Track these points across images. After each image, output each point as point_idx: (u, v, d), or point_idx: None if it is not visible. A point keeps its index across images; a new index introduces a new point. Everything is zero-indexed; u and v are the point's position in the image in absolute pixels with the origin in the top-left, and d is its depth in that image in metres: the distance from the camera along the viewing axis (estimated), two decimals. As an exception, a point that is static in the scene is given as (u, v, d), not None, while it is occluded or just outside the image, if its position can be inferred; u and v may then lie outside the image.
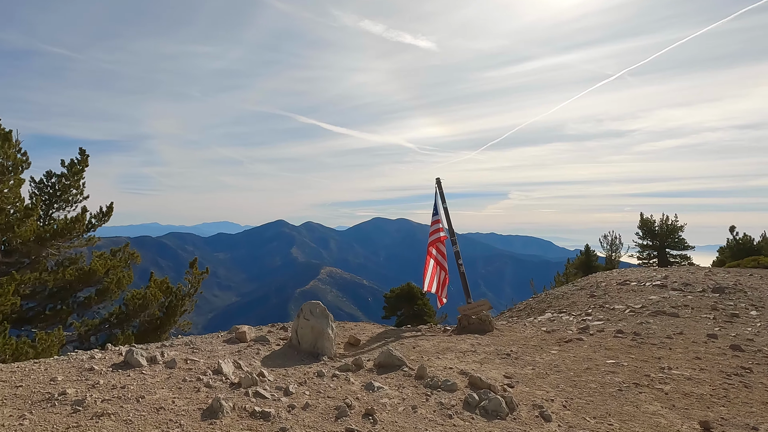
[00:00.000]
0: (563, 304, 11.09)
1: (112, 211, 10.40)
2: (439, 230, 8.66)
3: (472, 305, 7.98)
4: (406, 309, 26.41)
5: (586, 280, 15.34)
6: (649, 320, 8.26)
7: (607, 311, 9.28)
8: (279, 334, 6.61)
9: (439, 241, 8.61)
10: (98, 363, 4.44)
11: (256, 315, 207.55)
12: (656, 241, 27.04)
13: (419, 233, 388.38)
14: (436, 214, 8.78)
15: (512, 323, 8.78)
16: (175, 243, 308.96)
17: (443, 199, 8.73)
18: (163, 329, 10.49)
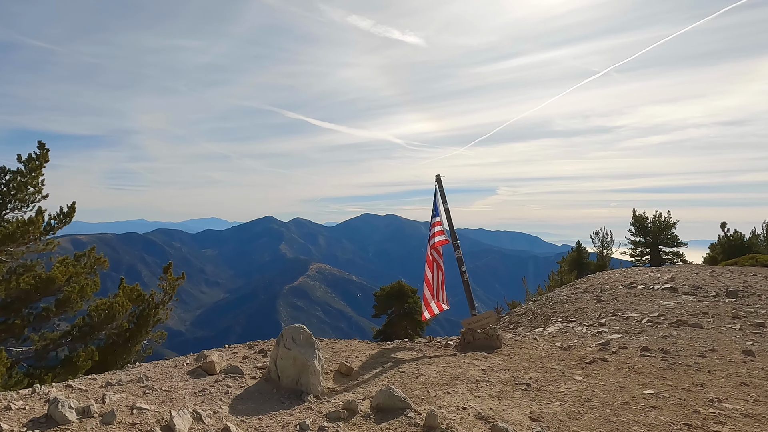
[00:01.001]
0: (569, 310, 10.28)
1: (74, 212, 9.32)
2: (440, 233, 7.74)
3: (477, 318, 7.09)
4: (396, 307, 25.60)
5: (588, 282, 14.60)
6: (672, 333, 7.46)
7: (621, 321, 8.48)
8: (256, 360, 5.63)
9: (438, 245, 7.68)
10: (11, 419, 3.42)
11: (245, 312, 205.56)
12: (649, 238, 26.56)
13: (408, 229, 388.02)
14: (436, 214, 7.88)
15: (520, 336, 7.92)
16: (162, 239, 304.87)
17: (444, 199, 7.83)
18: (133, 341, 9.46)
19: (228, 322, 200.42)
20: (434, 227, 7.83)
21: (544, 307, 11.47)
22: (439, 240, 7.74)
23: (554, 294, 13.16)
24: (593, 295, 11.42)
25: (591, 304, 10.45)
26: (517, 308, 13.37)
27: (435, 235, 7.79)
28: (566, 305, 10.92)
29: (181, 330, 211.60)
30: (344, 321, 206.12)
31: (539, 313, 11.00)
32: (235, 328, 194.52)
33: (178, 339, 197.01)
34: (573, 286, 14.57)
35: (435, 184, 7.88)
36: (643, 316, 8.73)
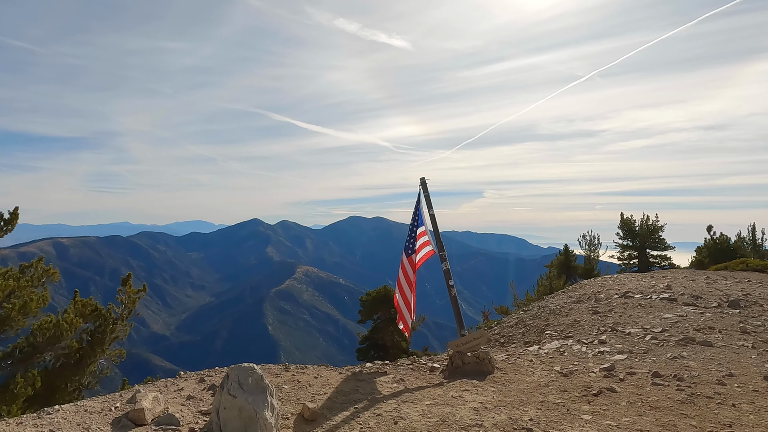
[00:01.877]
0: (564, 323, 9.55)
1: (17, 218, 8.32)
2: (426, 244, 6.91)
3: (467, 339, 6.28)
4: (382, 313, 24.85)
5: (581, 290, 13.94)
6: (681, 353, 6.74)
7: (623, 337, 7.75)
8: (202, 401, 4.68)
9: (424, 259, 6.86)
10: None
11: (231, 315, 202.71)
12: (636, 241, 26.24)
13: (395, 232, 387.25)
14: (420, 223, 7.01)
15: (513, 356, 7.13)
16: (146, 243, 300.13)
17: (429, 204, 7.01)
18: (86, 363, 8.47)
19: (214, 326, 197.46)
20: (420, 238, 6.96)
21: (537, 318, 10.75)
22: (425, 252, 6.88)
23: (546, 303, 12.45)
24: (588, 306, 10.73)
25: (587, 316, 9.74)
26: (508, 318, 12.64)
27: (422, 248, 6.91)
28: (560, 317, 10.19)
29: (166, 334, 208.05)
30: (331, 324, 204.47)
31: (532, 325, 10.26)
32: (221, 332, 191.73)
33: (164, 343, 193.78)
34: (565, 294, 13.88)
35: (419, 187, 7.05)
36: (646, 331, 8.02)
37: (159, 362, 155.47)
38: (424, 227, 7.00)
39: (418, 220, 7.05)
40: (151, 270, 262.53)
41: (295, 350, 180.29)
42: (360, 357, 24.69)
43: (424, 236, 6.95)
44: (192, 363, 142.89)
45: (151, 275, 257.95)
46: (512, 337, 9.86)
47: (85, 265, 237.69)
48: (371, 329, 24.09)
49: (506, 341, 9.75)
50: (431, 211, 7.01)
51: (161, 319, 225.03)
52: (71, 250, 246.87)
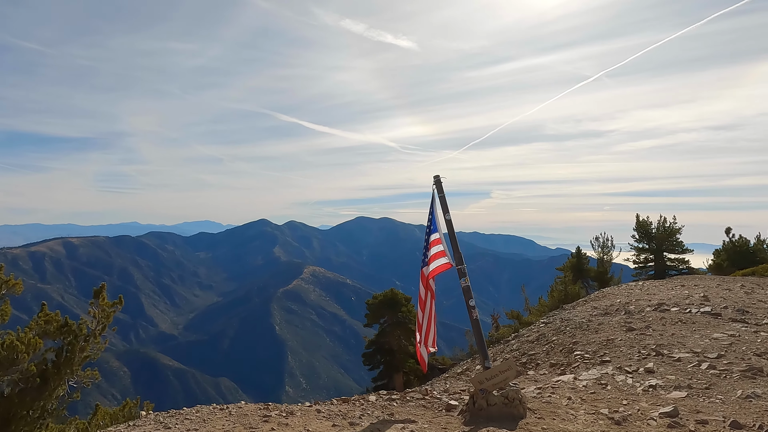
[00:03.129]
0: (595, 341, 8.30)
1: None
2: (440, 255, 5.76)
3: (492, 373, 5.09)
4: (389, 316, 23.91)
5: (606, 300, 12.68)
6: (754, 389, 5.51)
7: (672, 364, 6.52)
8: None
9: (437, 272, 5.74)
10: None
11: (238, 315, 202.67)
12: (653, 244, 25.00)
13: (402, 232, 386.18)
14: (434, 229, 5.89)
15: (545, 390, 5.92)
16: (155, 242, 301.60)
17: (445, 207, 5.85)
18: (52, 386, 7.38)
19: (221, 326, 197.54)
20: (432, 247, 5.82)
21: (561, 334, 9.52)
22: (439, 265, 5.73)
23: (569, 315, 11.21)
24: (619, 320, 9.48)
25: (621, 333, 8.51)
26: (527, 331, 11.43)
27: (434, 258, 5.76)
28: (589, 333, 8.96)
29: (174, 334, 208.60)
30: (338, 324, 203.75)
31: (557, 342, 9.03)
32: (228, 331, 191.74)
33: (171, 343, 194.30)
34: (589, 304, 12.61)
35: (433, 187, 5.89)
36: (698, 356, 6.78)
37: (167, 361, 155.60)
38: (438, 234, 5.85)
39: (432, 226, 5.92)
40: (159, 270, 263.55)
41: (301, 350, 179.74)
42: (366, 362, 23.59)
43: (438, 245, 5.81)
44: (199, 362, 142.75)
45: (159, 275, 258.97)
46: (535, 356, 8.66)
47: (94, 264, 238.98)
48: (378, 333, 23.03)
49: (529, 361, 8.55)
50: (447, 215, 5.81)
51: (169, 318, 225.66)
52: (81, 249, 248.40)
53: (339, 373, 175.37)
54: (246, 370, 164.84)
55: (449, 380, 8.56)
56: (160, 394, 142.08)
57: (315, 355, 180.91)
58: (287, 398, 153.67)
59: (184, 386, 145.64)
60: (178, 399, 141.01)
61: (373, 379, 24.00)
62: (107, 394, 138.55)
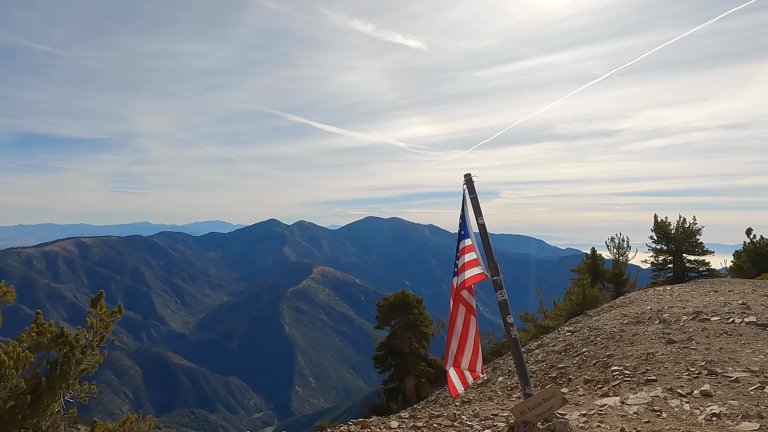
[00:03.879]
0: (633, 354, 7.55)
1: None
2: (473, 264, 5.09)
3: (535, 401, 4.50)
4: (400, 318, 23.36)
5: (635, 306, 11.96)
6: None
7: (730, 386, 5.81)
8: None
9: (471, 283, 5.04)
10: None
11: (248, 315, 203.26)
12: (672, 245, 24.15)
13: (411, 232, 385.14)
14: (467, 235, 5.24)
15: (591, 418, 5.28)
16: (166, 242, 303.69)
17: (477, 210, 5.21)
18: (45, 403, 6.85)
19: (231, 326, 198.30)
20: (464, 254, 5.14)
21: (591, 344, 8.85)
22: (473, 275, 5.02)
23: (596, 323, 10.51)
24: (655, 330, 8.77)
25: (660, 346, 7.81)
26: (551, 340, 10.76)
27: (466, 267, 5.08)
28: (624, 345, 8.25)
29: (185, 333, 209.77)
30: (347, 324, 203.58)
31: (588, 354, 8.34)
32: (238, 331, 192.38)
33: (182, 342, 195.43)
34: (615, 311, 11.91)
35: (463, 187, 5.21)
36: (757, 375, 6.08)
37: (177, 360, 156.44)
38: (471, 240, 5.19)
39: (464, 231, 5.26)
40: (170, 269, 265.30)
41: (311, 350, 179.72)
42: (377, 364, 23.05)
43: (470, 252, 5.13)
44: (209, 361, 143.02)
45: (170, 274, 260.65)
46: (566, 370, 7.99)
47: (107, 264, 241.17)
48: (389, 335, 22.52)
49: (559, 376, 7.91)
50: (480, 218, 5.12)
51: (180, 317, 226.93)
52: (93, 249, 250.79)
53: (348, 373, 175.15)
54: (256, 370, 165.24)
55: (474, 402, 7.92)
56: (171, 393, 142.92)
57: (324, 355, 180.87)
58: (297, 398, 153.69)
59: (195, 385, 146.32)
60: (189, 398, 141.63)
61: (384, 382, 23.53)
62: (119, 393, 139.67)
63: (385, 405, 21.94)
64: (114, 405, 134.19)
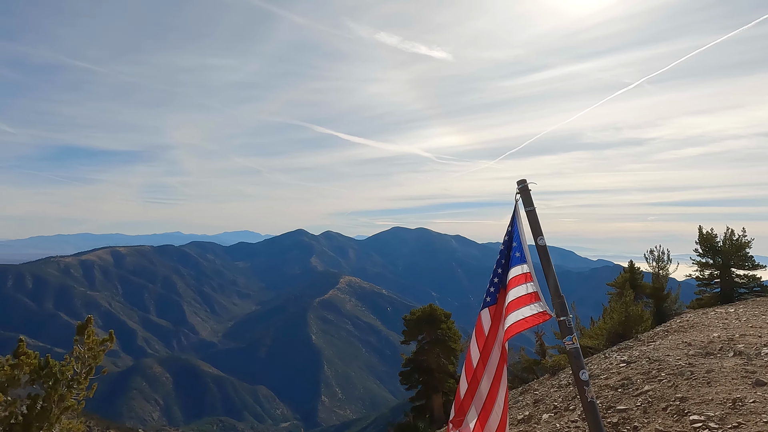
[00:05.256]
0: (714, 400, 6.09)
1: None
2: (531, 299, 3.74)
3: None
4: (427, 333, 22.50)
5: (696, 331, 10.64)
6: None
7: None
8: None
9: (527, 325, 3.69)
10: None
11: (274, 324, 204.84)
12: (719, 259, 22.41)
13: (438, 242, 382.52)
14: (521, 259, 3.98)
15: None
16: (196, 252, 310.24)
17: (537, 229, 4.06)
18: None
19: (258, 335, 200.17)
20: (517, 285, 3.84)
21: (655, 381, 7.53)
22: (533, 314, 3.68)
23: (655, 353, 9.18)
24: (734, 366, 7.47)
25: (747, 388, 6.45)
26: (601, 368, 9.59)
27: (522, 303, 3.76)
28: (698, 384, 6.92)
29: (214, 341, 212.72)
30: (373, 335, 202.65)
31: (654, 395, 7.03)
32: (266, 340, 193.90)
33: (211, 350, 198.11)
34: (674, 337, 10.60)
35: (516, 197, 4.14)
36: None
37: (206, 368, 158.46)
38: (528, 267, 3.93)
39: (518, 253, 4.04)
40: (200, 278, 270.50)
41: (337, 360, 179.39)
42: (404, 381, 22.25)
43: (526, 283, 3.85)
44: (237, 370, 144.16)
45: (201, 283, 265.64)
46: (629, 415, 6.80)
47: (140, 273, 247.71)
48: (416, 351, 21.82)
49: (621, 422, 6.79)
50: (541, 239, 4.01)
51: (209, 326, 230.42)
52: (127, 258, 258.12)
53: (375, 384, 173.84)
54: (283, 379, 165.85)
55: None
56: (200, 400, 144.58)
57: (351, 366, 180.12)
58: (323, 408, 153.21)
59: (223, 393, 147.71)
60: (217, 406, 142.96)
61: (411, 399, 22.76)
62: (150, 399, 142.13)
63: (412, 424, 21.05)
64: (145, 411, 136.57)
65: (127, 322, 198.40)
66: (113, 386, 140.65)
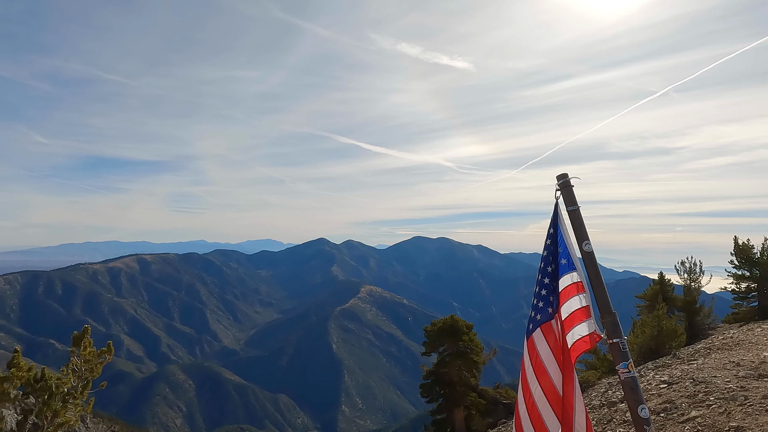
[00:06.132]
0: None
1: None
2: (582, 315, 3.31)
3: None
4: (449, 345, 21.91)
5: (742, 350, 9.94)
6: None
7: None
8: None
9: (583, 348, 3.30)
10: None
11: (296, 333, 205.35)
12: (756, 271, 21.50)
13: (459, 252, 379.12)
14: (569, 267, 3.50)
15: None
16: (220, 260, 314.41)
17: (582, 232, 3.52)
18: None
19: (280, 343, 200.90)
20: (568, 298, 3.41)
21: (703, 406, 6.85)
22: (582, 337, 3.28)
23: (699, 374, 8.54)
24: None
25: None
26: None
27: (575, 320, 3.34)
28: (755, 412, 6.12)
29: (236, 349, 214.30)
30: (394, 345, 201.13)
31: (704, 422, 6.25)
32: (287, 348, 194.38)
33: (233, 358, 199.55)
34: (720, 355, 9.94)
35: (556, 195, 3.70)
36: None
37: (229, 376, 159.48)
38: (579, 276, 3.44)
39: (564, 259, 3.54)
40: (223, 286, 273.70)
41: (358, 369, 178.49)
42: (424, 393, 21.72)
43: (580, 294, 3.40)
44: (259, 378, 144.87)
45: (224, 291, 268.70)
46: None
47: (165, 280, 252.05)
48: (437, 363, 21.30)
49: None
50: (587, 244, 3.45)
51: (231, 334, 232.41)
52: (153, 266, 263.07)
53: (395, 394, 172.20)
54: (303, 388, 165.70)
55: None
56: (221, 408, 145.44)
57: (371, 376, 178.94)
58: (343, 418, 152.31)
59: (245, 401, 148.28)
60: (239, 413, 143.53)
61: (431, 412, 22.22)
62: (173, 406, 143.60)
63: (432, 438, 20.49)
64: (168, 418, 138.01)
65: (152, 328, 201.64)
66: (138, 392, 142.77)
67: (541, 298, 3.60)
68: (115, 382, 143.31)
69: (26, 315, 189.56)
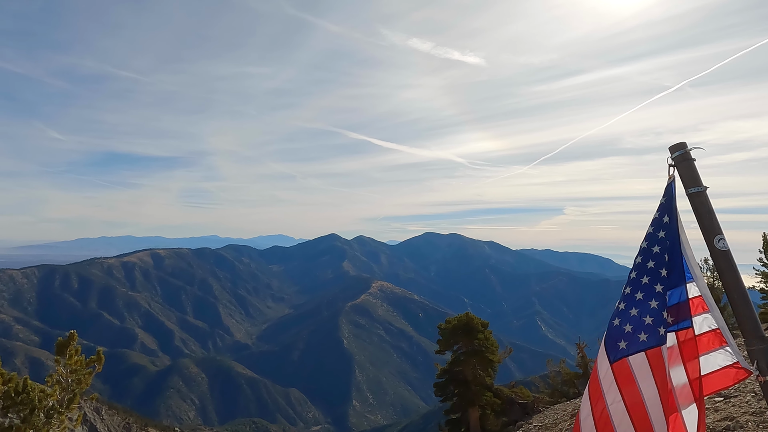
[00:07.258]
0: None
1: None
2: (716, 341, 2.59)
3: None
4: (463, 343, 21.71)
5: None
6: None
7: None
8: None
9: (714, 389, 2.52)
10: None
11: (307, 328, 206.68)
12: None
13: (471, 248, 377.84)
14: (685, 276, 2.72)
15: None
16: (232, 255, 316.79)
17: (713, 226, 2.76)
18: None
19: (291, 338, 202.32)
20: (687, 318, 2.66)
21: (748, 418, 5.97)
22: (726, 367, 2.55)
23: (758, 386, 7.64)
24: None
25: None
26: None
27: (702, 347, 2.61)
28: None
29: (248, 343, 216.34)
30: (405, 341, 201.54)
31: None
32: (298, 343, 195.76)
33: (245, 352, 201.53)
34: None
35: (671, 173, 2.90)
36: None
37: (241, 369, 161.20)
38: (696, 286, 2.75)
39: (683, 266, 2.77)
40: (235, 281, 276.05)
41: (368, 365, 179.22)
42: (438, 392, 21.63)
43: (701, 312, 2.70)
44: (270, 372, 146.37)
45: (236, 286, 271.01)
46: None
47: (178, 274, 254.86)
48: (451, 361, 21.08)
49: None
50: (721, 240, 2.72)
51: (244, 328, 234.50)
52: (166, 260, 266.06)
53: (406, 390, 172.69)
54: (314, 382, 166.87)
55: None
56: (233, 401, 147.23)
57: (382, 371, 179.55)
58: (354, 412, 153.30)
59: (256, 395, 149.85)
60: (251, 407, 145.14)
61: (446, 412, 22.02)
62: (186, 399, 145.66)
63: (447, 437, 20.48)
64: (181, 410, 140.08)
65: (165, 322, 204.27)
66: (151, 385, 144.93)
67: (648, 311, 2.63)
68: (129, 375, 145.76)
69: (43, 308, 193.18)
